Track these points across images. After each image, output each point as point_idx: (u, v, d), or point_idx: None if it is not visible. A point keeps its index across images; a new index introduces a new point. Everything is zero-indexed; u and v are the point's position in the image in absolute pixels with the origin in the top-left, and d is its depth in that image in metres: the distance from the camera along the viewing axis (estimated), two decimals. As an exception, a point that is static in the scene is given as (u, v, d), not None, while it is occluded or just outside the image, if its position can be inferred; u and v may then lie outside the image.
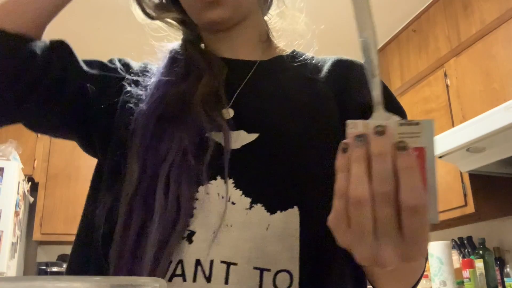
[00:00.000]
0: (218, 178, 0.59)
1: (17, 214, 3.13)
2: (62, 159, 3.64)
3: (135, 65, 0.73)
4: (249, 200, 0.58)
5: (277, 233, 0.57)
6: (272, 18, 0.78)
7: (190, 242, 0.56)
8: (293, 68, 0.72)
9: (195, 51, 0.71)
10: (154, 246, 0.54)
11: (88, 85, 0.65)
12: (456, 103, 2.55)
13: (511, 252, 2.53)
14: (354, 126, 0.41)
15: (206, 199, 0.58)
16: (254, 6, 0.73)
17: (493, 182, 2.45)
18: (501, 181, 2.46)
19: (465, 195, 2.42)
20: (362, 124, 0.40)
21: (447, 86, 2.62)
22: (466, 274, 2.42)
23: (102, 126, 0.65)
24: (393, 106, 0.67)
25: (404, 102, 3.01)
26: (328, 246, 0.60)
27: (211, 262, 0.55)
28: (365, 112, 0.65)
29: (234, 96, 0.65)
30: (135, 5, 0.73)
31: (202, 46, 0.75)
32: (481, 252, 2.50)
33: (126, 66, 0.71)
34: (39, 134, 3.83)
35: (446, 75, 2.64)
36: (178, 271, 0.54)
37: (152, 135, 0.61)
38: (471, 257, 2.54)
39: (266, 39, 0.76)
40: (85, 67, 0.67)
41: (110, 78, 0.68)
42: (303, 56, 0.74)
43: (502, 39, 2.31)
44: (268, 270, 0.56)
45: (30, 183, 3.51)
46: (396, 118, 0.41)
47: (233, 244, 0.56)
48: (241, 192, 0.58)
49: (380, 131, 0.39)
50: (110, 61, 0.71)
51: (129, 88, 0.66)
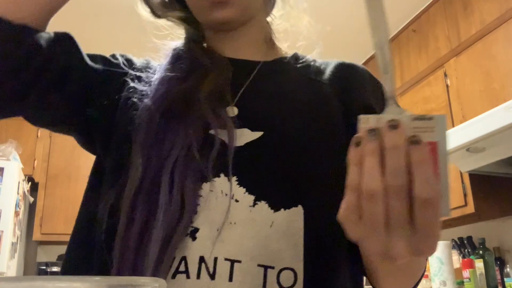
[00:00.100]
0: (222, 175, 0.58)
1: (17, 214, 3.13)
2: (62, 159, 3.65)
3: (137, 61, 0.73)
4: (252, 197, 0.58)
5: (281, 230, 0.57)
6: (275, 19, 0.78)
7: (194, 239, 0.55)
8: (296, 69, 0.72)
9: (199, 50, 0.71)
10: (159, 242, 0.53)
11: (91, 79, 0.65)
12: (456, 103, 2.55)
13: (511, 252, 2.53)
14: (366, 121, 0.41)
15: (210, 196, 0.57)
16: (260, 7, 0.73)
17: (493, 182, 2.45)
18: (501, 181, 2.46)
19: (465, 195, 2.42)
20: (375, 118, 0.41)
21: (447, 86, 2.62)
22: (466, 274, 2.42)
23: (103, 121, 0.65)
24: None
25: (404, 102, 3.01)
26: (332, 246, 0.61)
27: (215, 259, 0.55)
28: (367, 113, 0.66)
29: (238, 94, 0.65)
30: (142, 3, 0.73)
31: (205, 45, 0.75)
32: (481, 252, 2.50)
33: (129, 62, 0.71)
34: (39, 135, 3.84)
35: (446, 75, 2.64)
36: (182, 268, 0.54)
37: (156, 130, 0.60)
38: (471, 257, 2.54)
39: (269, 40, 0.76)
40: (89, 61, 0.66)
41: (113, 73, 0.68)
42: (305, 58, 0.75)
43: (502, 39, 2.31)
44: (272, 267, 0.56)
45: (30, 183, 3.52)
46: (408, 113, 0.41)
47: (237, 241, 0.56)
48: (244, 189, 0.58)
49: (393, 125, 0.39)
50: (113, 56, 0.71)
51: (132, 84, 0.66)
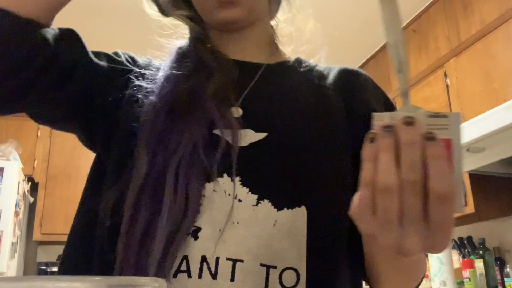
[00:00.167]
0: (225, 175, 0.58)
1: (17, 214, 3.14)
2: (62, 159, 3.65)
3: (140, 59, 0.73)
4: (255, 196, 0.58)
5: (284, 230, 0.57)
6: (279, 22, 0.78)
7: (196, 238, 0.55)
8: (299, 73, 0.73)
9: (204, 50, 0.71)
10: (162, 241, 0.53)
11: (96, 76, 0.65)
12: (456, 103, 2.55)
13: (511, 252, 2.53)
14: (380, 118, 0.41)
15: (213, 197, 0.57)
16: (265, 10, 0.73)
17: (493, 182, 2.45)
18: (501, 181, 2.46)
19: (465, 195, 2.41)
20: (389, 116, 0.41)
21: (447, 86, 2.62)
22: (466, 274, 2.42)
23: (106, 118, 0.65)
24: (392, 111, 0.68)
25: (404, 102, 3.01)
26: (334, 247, 0.61)
27: (217, 259, 0.55)
28: (370, 119, 0.66)
29: (243, 96, 0.66)
30: (149, 1, 0.73)
31: (209, 45, 0.75)
32: (481, 252, 2.50)
33: (132, 59, 0.71)
34: (39, 135, 3.84)
35: (446, 75, 2.64)
36: (183, 267, 0.54)
37: (162, 128, 0.60)
38: (471, 257, 2.54)
39: (273, 44, 0.77)
40: (94, 58, 0.66)
41: (117, 70, 0.68)
42: (308, 63, 0.75)
43: (502, 39, 2.31)
44: (274, 267, 0.56)
45: (30, 183, 3.52)
46: (422, 110, 0.41)
47: (239, 240, 0.56)
48: (247, 189, 0.58)
49: (409, 122, 0.40)
50: (116, 53, 0.71)
51: (137, 81, 0.66)
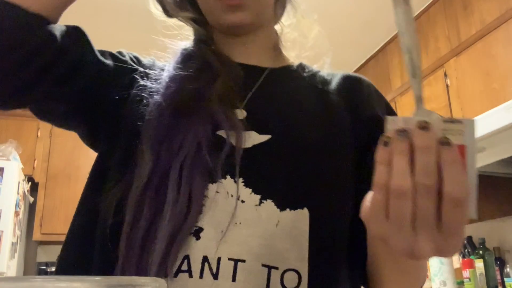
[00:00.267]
0: (228, 177, 0.58)
1: (17, 214, 3.13)
2: (62, 159, 3.65)
3: (144, 59, 0.73)
4: (258, 197, 0.58)
5: (286, 230, 0.57)
6: (284, 27, 0.78)
7: (198, 238, 0.55)
8: (302, 78, 0.73)
9: (209, 52, 0.71)
10: (165, 240, 0.53)
11: (101, 74, 0.65)
12: (456, 103, 2.55)
13: (511, 252, 2.53)
14: (394, 122, 0.42)
15: (216, 198, 0.57)
16: (271, 14, 0.74)
17: (493, 182, 2.45)
18: (501, 181, 2.46)
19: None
20: (403, 120, 0.41)
21: (447, 86, 2.62)
22: (466, 274, 2.42)
23: (111, 117, 0.65)
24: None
25: (404, 102, 3.01)
26: (335, 250, 0.61)
27: (219, 259, 0.55)
28: (375, 123, 0.66)
29: (247, 98, 0.66)
30: (154, 1, 0.73)
31: (213, 48, 0.75)
32: (481, 252, 2.50)
33: (136, 59, 0.72)
34: (39, 135, 3.83)
35: (446, 75, 2.64)
36: (184, 267, 0.54)
37: (166, 127, 0.60)
38: (471, 257, 2.54)
39: (277, 48, 0.77)
40: (100, 56, 0.66)
41: (122, 69, 0.68)
42: (311, 68, 0.76)
43: (502, 39, 2.31)
44: (276, 268, 0.56)
45: (30, 183, 3.51)
46: (437, 115, 0.42)
47: (241, 240, 0.56)
48: (250, 190, 0.58)
49: (424, 126, 0.40)
50: (120, 53, 0.71)
51: (141, 81, 0.66)
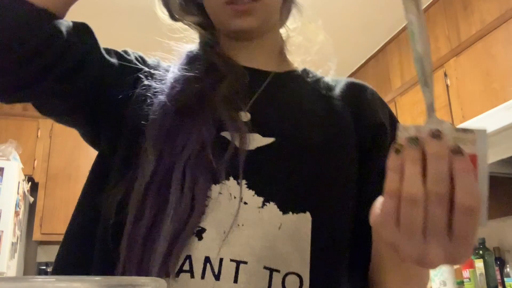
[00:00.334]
0: (231, 178, 0.59)
1: (17, 214, 3.13)
2: (62, 159, 3.65)
3: (149, 59, 0.73)
4: (261, 199, 0.58)
5: (288, 234, 0.57)
6: (288, 31, 0.78)
7: (200, 238, 0.55)
8: (307, 82, 0.74)
9: (215, 55, 0.71)
10: (167, 239, 0.53)
11: (106, 72, 0.65)
12: (456, 103, 2.55)
13: (511, 252, 2.53)
14: (406, 130, 0.42)
15: (219, 199, 0.57)
16: (277, 19, 0.74)
17: (493, 182, 2.43)
18: (501, 181, 2.46)
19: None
20: (414, 128, 0.41)
21: (447, 86, 2.62)
22: (466, 274, 2.42)
23: (114, 115, 0.65)
24: (395, 125, 0.70)
25: (404, 102, 3.01)
26: (336, 254, 0.61)
27: (221, 260, 0.55)
28: (378, 130, 0.68)
29: (251, 101, 0.66)
30: (161, 5, 0.73)
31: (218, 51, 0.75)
32: (481, 252, 2.50)
33: (141, 59, 0.72)
34: (39, 135, 3.83)
35: (446, 75, 2.64)
36: (186, 267, 0.54)
37: (170, 127, 0.60)
38: (471, 257, 2.54)
39: (281, 53, 0.77)
40: (105, 54, 0.66)
41: (127, 67, 0.68)
42: (315, 74, 0.76)
43: (502, 39, 2.31)
44: (278, 271, 0.56)
45: (30, 183, 3.51)
46: (448, 125, 0.42)
47: (244, 242, 0.56)
48: (253, 192, 0.58)
49: (436, 135, 0.40)
50: (125, 52, 0.71)
51: (146, 81, 0.66)
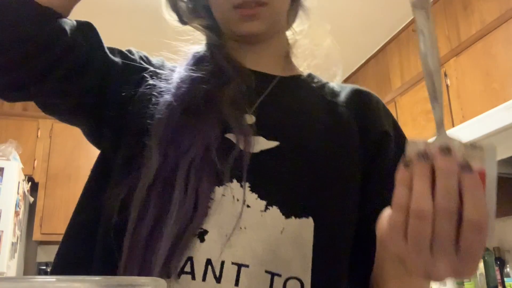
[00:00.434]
0: (234, 181, 0.58)
1: (17, 214, 3.13)
2: (62, 159, 3.65)
3: (153, 59, 0.73)
4: (264, 203, 0.58)
5: (291, 238, 0.57)
6: (295, 34, 0.78)
7: (202, 240, 0.55)
8: (312, 88, 0.74)
9: (222, 57, 0.71)
10: (169, 240, 0.53)
11: (110, 71, 0.65)
12: (456, 103, 2.55)
13: (511, 252, 2.53)
14: (415, 145, 0.42)
15: (222, 201, 0.57)
16: (284, 22, 0.74)
17: (493, 182, 2.45)
18: (501, 181, 2.45)
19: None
20: (423, 143, 0.42)
21: (447, 86, 2.62)
22: (466, 274, 2.42)
23: (117, 114, 0.65)
24: (399, 134, 0.71)
25: (404, 102, 3.01)
26: (337, 261, 0.61)
27: (222, 262, 0.54)
28: (382, 138, 0.68)
29: (256, 104, 0.66)
30: (169, 9, 0.73)
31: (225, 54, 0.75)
32: (481, 252, 2.50)
33: (146, 58, 0.72)
34: (39, 135, 3.83)
35: (446, 75, 2.64)
36: (187, 269, 0.54)
37: (175, 127, 0.60)
38: (471, 257, 2.54)
39: (287, 57, 0.77)
40: (109, 53, 0.66)
41: (131, 67, 0.68)
42: (320, 79, 0.76)
43: (502, 39, 2.31)
44: (279, 275, 0.56)
45: (30, 183, 3.51)
46: (457, 141, 0.42)
47: (246, 245, 0.56)
48: (256, 195, 0.58)
49: (446, 151, 0.40)
50: (129, 51, 0.71)
51: (151, 80, 0.66)
